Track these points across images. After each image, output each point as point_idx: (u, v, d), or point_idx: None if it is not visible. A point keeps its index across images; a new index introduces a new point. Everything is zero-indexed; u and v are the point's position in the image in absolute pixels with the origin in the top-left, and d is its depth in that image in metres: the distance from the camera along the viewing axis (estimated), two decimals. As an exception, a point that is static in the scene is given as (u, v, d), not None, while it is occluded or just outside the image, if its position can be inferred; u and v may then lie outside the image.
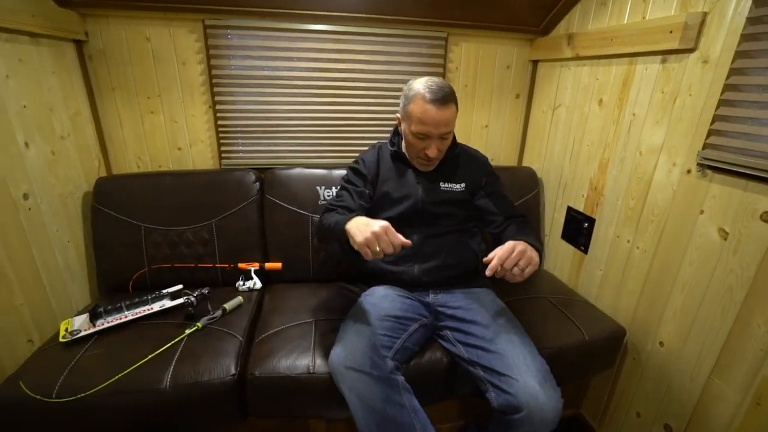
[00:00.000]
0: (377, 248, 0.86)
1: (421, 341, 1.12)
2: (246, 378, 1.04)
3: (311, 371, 1.04)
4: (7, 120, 1.08)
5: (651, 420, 1.22)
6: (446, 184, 1.25)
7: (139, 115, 1.53)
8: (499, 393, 0.95)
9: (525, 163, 1.86)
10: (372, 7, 1.47)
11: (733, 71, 0.93)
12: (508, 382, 0.94)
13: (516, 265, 0.92)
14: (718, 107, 0.98)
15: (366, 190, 1.24)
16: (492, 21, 1.59)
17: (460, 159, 1.27)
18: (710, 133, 0.99)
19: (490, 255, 0.94)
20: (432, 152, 1.13)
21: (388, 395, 0.91)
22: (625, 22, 1.25)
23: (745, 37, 0.90)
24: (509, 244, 0.96)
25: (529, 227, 1.21)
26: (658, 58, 1.15)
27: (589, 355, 1.24)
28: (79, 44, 1.40)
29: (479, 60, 1.71)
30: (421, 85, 1.10)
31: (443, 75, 1.66)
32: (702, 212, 1.04)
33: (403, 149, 1.25)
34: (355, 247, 0.90)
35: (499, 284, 1.16)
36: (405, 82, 1.59)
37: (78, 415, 0.94)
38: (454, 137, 1.24)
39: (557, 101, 1.61)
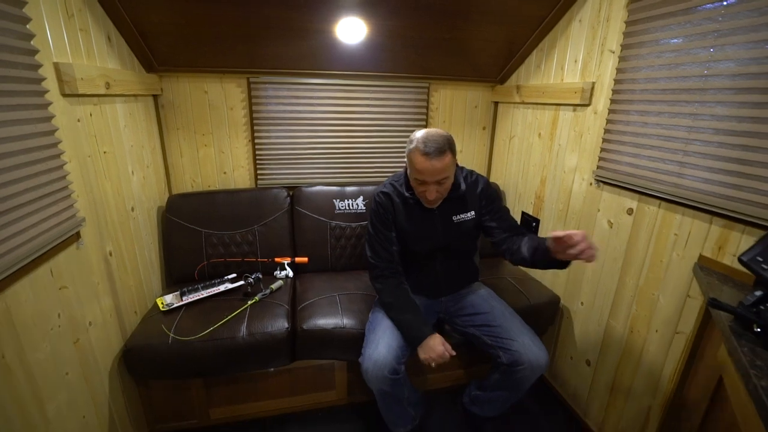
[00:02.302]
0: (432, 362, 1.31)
1: None
2: (296, 331, 1.51)
3: (341, 327, 1.52)
4: (125, 156, 1.55)
5: (578, 359, 1.71)
6: (458, 216, 1.45)
7: (195, 147, 2.01)
8: (506, 352, 1.36)
9: (491, 179, 2.38)
10: (373, 66, 1.99)
11: (608, 120, 1.47)
12: (512, 344, 1.36)
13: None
14: (603, 142, 1.51)
15: (391, 233, 1.46)
16: (463, 74, 2.13)
17: (467, 190, 1.45)
18: (599, 158, 1.53)
19: (577, 236, 1.04)
20: (430, 195, 1.32)
21: (394, 387, 1.34)
22: (551, 82, 1.80)
23: (612, 100, 1.44)
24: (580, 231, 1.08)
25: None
26: (571, 108, 1.69)
27: (535, 315, 1.73)
28: (155, 97, 1.88)
29: (454, 102, 2.25)
30: (419, 137, 1.28)
31: (426, 114, 2.19)
32: (599, 210, 1.56)
33: None
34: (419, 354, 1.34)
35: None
36: (398, 120, 2.16)
37: (186, 353, 1.39)
38: (465, 171, 1.50)
39: (512, 133, 2.15)
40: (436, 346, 1.32)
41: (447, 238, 1.47)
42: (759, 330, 0.77)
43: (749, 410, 0.67)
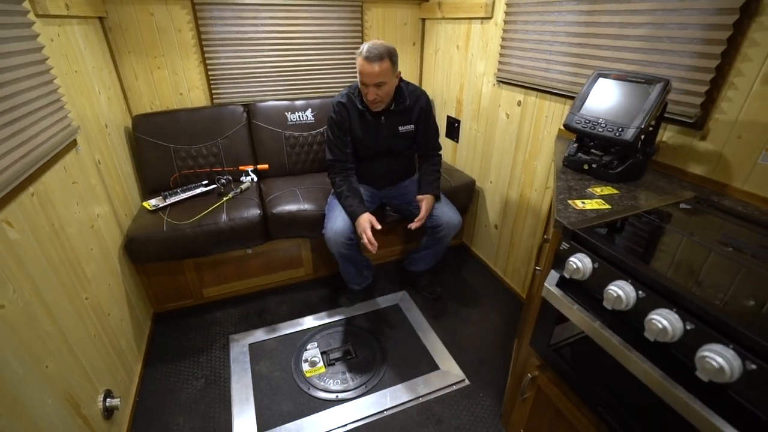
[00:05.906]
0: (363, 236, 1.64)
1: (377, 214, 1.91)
2: (267, 215, 1.88)
3: (303, 210, 1.91)
4: (91, 76, 1.72)
5: (489, 226, 2.26)
6: (403, 127, 1.78)
7: (149, 70, 2.15)
8: (430, 218, 1.79)
9: (423, 91, 2.73)
10: (309, -14, 2.17)
11: (504, 30, 1.84)
12: (433, 212, 1.79)
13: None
14: (501, 49, 1.89)
15: (347, 138, 1.76)
16: (391, -8, 2.37)
17: (411, 105, 1.74)
18: (499, 63, 1.92)
19: (418, 221, 1.70)
20: (370, 96, 1.59)
21: (350, 250, 1.76)
22: (464, -3, 2.11)
23: (506, 12, 1.80)
24: (424, 208, 1.72)
25: (435, 174, 1.84)
26: (480, 21, 2.03)
27: (457, 194, 2.22)
28: (101, 20, 1.98)
29: (386, 19, 2.49)
30: (364, 46, 1.55)
31: (361, 33, 2.44)
32: (500, 106, 1.99)
33: None
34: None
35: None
36: (337, 38, 2.40)
37: (179, 237, 1.73)
38: (411, 87, 1.76)
39: (437, 47, 2.47)
40: (363, 223, 1.67)
41: (391, 145, 1.81)
42: (587, 167, 1.24)
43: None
